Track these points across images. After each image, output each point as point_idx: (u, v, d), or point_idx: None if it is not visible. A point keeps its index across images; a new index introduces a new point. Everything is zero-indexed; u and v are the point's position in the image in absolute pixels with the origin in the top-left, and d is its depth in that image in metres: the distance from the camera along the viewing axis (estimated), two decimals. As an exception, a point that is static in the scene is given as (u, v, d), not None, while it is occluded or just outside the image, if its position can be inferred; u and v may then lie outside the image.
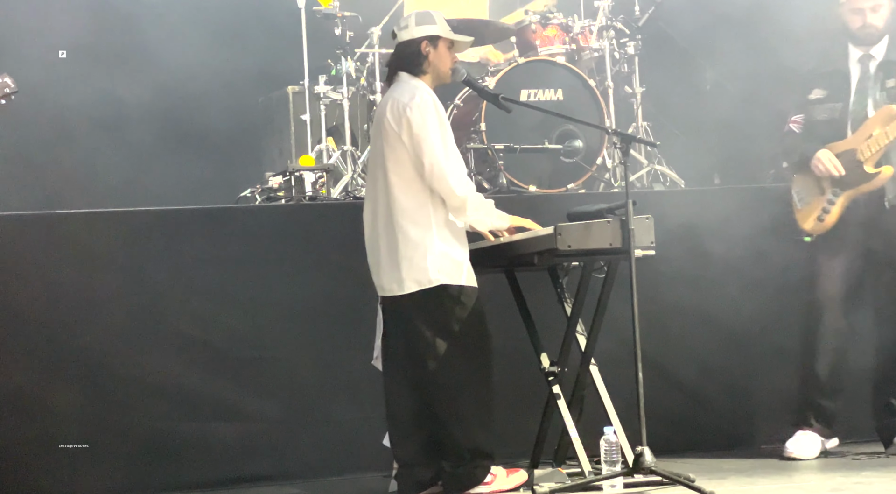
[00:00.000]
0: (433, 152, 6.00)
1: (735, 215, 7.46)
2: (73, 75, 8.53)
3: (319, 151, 8.39)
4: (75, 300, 6.74)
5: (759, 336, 7.44)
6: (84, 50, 8.56)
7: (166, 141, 8.72)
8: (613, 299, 6.28)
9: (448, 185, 6.00)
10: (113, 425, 6.71)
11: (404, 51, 6.20)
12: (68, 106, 8.54)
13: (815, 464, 6.77)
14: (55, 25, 8.45)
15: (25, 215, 6.93)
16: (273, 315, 6.97)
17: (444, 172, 6.00)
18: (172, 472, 6.78)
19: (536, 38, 8.52)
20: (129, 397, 6.76)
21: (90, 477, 6.66)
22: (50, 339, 6.69)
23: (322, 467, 6.97)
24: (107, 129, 8.73)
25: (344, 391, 6.96)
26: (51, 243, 6.77)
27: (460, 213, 6.08)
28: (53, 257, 6.75)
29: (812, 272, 7.02)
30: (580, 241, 5.95)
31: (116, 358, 6.75)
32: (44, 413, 6.64)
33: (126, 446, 6.73)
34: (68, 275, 6.74)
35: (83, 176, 8.60)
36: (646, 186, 8.41)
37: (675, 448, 7.07)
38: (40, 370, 6.66)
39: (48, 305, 6.71)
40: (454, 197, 6.03)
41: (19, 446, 6.59)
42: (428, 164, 5.99)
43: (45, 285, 6.72)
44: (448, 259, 6.01)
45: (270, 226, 7.11)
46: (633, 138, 6.49)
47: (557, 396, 6.28)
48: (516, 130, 7.87)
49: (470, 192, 6.09)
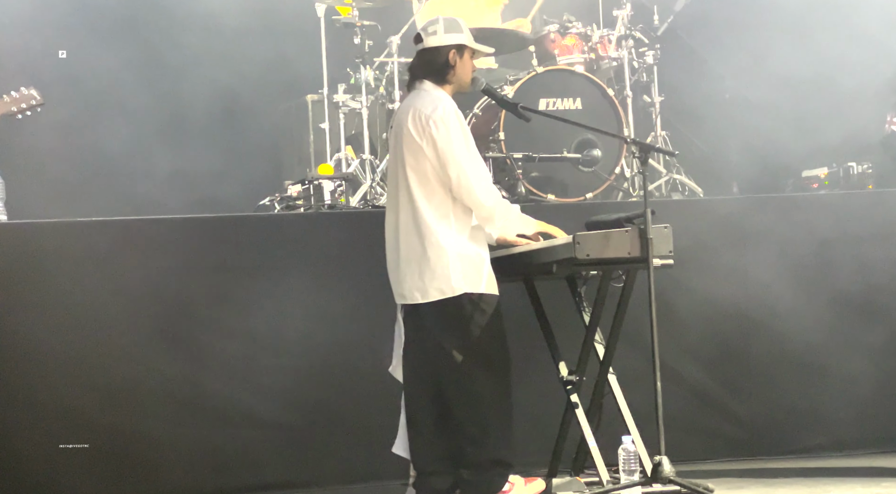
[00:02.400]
0: (459, 165, 5.98)
1: (755, 224, 7.46)
2: (80, 80, 8.55)
3: (338, 159, 8.41)
4: (91, 307, 6.75)
5: (778, 345, 7.42)
6: (97, 55, 8.59)
7: (184, 150, 8.73)
8: (632, 309, 6.27)
9: (476, 197, 6.00)
10: (127, 430, 6.72)
11: (432, 59, 6.18)
12: (77, 109, 8.55)
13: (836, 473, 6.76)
14: (55, 25, 8.48)
15: (38, 224, 6.93)
16: (291, 323, 6.97)
17: (471, 185, 5.99)
18: (187, 479, 6.79)
19: (555, 48, 8.53)
20: (148, 402, 6.77)
21: (98, 482, 6.67)
22: (63, 342, 6.69)
23: (339, 474, 6.97)
24: (123, 137, 8.75)
25: (362, 399, 6.96)
26: (63, 249, 6.77)
27: (489, 222, 6.08)
28: (67, 264, 6.76)
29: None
30: (599, 250, 5.95)
31: (132, 364, 6.77)
32: (49, 414, 6.65)
33: (142, 451, 6.74)
34: (85, 282, 6.76)
35: (92, 183, 8.61)
36: (664, 195, 8.40)
37: (694, 457, 7.07)
38: (52, 372, 6.67)
39: (64, 309, 6.72)
40: (483, 208, 6.03)
41: (23, 445, 6.60)
42: (455, 176, 5.99)
43: (63, 292, 6.72)
44: (471, 267, 6.01)
45: (289, 234, 7.12)
46: (652, 148, 6.48)
47: (576, 405, 6.27)
48: (535, 140, 7.87)
49: (497, 201, 6.08)
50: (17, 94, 6.66)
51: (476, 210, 6.03)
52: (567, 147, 7.97)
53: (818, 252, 7.41)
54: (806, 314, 7.34)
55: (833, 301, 7.41)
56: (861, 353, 7.44)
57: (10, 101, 6.68)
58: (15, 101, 6.68)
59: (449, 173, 5.99)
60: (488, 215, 6.04)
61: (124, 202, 8.37)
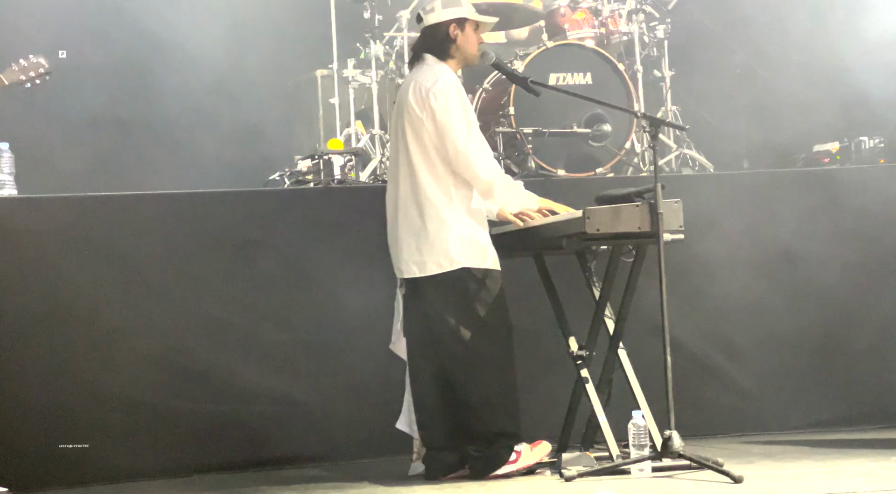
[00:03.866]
0: (457, 137, 5.99)
1: (765, 199, 7.44)
2: (94, 54, 8.53)
3: (348, 134, 8.40)
4: (106, 277, 6.75)
5: (787, 320, 7.42)
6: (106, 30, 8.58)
7: (194, 125, 8.72)
8: (642, 283, 6.27)
9: (473, 169, 6.00)
10: (140, 405, 6.73)
11: (432, 34, 6.19)
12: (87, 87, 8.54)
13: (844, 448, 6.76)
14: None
15: (40, 199, 6.87)
16: (301, 298, 6.99)
17: (468, 156, 5.99)
18: (199, 454, 6.81)
19: (565, 22, 8.50)
20: (158, 377, 6.78)
21: (118, 456, 6.68)
22: (79, 318, 6.70)
23: (347, 449, 6.98)
24: (133, 110, 8.74)
25: (371, 375, 6.97)
26: (65, 228, 6.76)
27: (488, 195, 6.07)
28: (80, 239, 6.76)
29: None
30: (609, 225, 5.94)
31: (144, 339, 6.78)
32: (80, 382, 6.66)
33: (153, 426, 6.75)
34: (97, 256, 6.76)
35: (104, 159, 8.59)
36: (675, 170, 8.38)
37: (704, 431, 7.07)
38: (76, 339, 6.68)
39: (81, 282, 6.71)
40: (480, 181, 6.03)
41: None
42: (452, 149, 5.99)
43: (68, 268, 6.72)
44: (471, 242, 6.01)
45: (299, 209, 7.13)
46: (662, 122, 6.46)
47: (586, 380, 6.28)
48: (545, 114, 7.85)
49: (496, 174, 6.08)
50: (26, 62, 6.61)
51: (474, 183, 6.03)
52: (577, 122, 7.95)
53: (828, 226, 7.39)
54: (816, 287, 7.33)
55: (843, 275, 7.41)
56: (870, 327, 7.43)
57: (18, 69, 6.65)
58: (23, 69, 6.65)
59: (447, 145, 5.99)
60: (486, 187, 6.04)
61: (132, 179, 8.36)
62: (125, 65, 8.71)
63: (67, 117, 8.37)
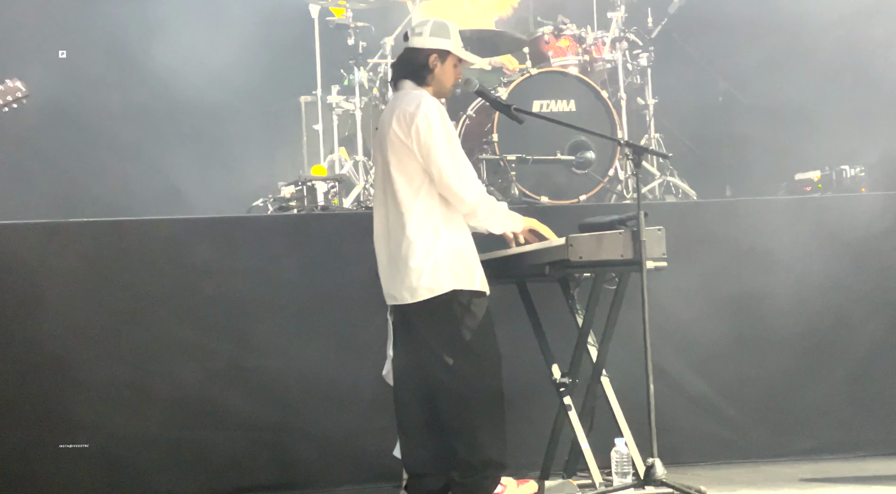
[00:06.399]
0: (442, 161, 5.99)
1: (748, 227, 7.46)
2: (76, 79, 8.53)
3: (332, 161, 8.41)
4: (81, 309, 6.74)
5: (770, 348, 7.42)
6: (91, 56, 8.58)
7: (177, 150, 8.73)
8: (625, 311, 6.27)
9: (457, 191, 6.00)
10: (116, 431, 6.70)
11: (411, 58, 6.19)
12: (71, 111, 8.53)
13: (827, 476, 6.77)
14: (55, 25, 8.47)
15: (32, 224, 6.90)
16: (283, 324, 6.96)
17: (451, 179, 5.99)
18: (177, 480, 6.78)
19: (549, 49, 8.53)
20: (139, 404, 6.76)
21: (92, 481, 6.65)
22: (57, 346, 6.68)
23: (329, 477, 6.96)
24: (115, 137, 8.75)
25: (353, 402, 6.95)
26: (56, 251, 6.76)
27: (473, 218, 6.07)
28: (60, 266, 6.75)
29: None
30: (592, 252, 5.94)
31: (121, 365, 6.75)
32: (46, 416, 6.64)
33: (133, 453, 6.72)
34: (73, 285, 6.74)
35: (87, 183, 8.59)
36: (658, 197, 8.40)
37: (687, 459, 7.06)
38: (47, 375, 6.66)
39: (54, 314, 6.70)
40: (464, 203, 6.03)
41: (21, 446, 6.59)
42: (437, 172, 5.99)
43: (49, 296, 6.70)
44: (460, 264, 6.00)
45: (282, 235, 7.11)
46: (646, 150, 6.47)
47: (568, 407, 6.27)
48: (528, 141, 7.87)
49: (481, 196, 6.07)
50: (2, 86, 6.45)
51: (459, 205, 6.03)
52: (561, 149, 7.96)
53: (811, 255, 7.40)
54: (799, 316, 7.34)
55: (826, 304, 7.41)
56: (852, 356, 7.44)
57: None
58: (0, 93, 6.50)
59: (431, 169, 6.00)
60: (471, 210, 6.04)
61: (116, 204, 8.35)
62: (105, 90, 8.70)
63: (45, 142, 8.37)
